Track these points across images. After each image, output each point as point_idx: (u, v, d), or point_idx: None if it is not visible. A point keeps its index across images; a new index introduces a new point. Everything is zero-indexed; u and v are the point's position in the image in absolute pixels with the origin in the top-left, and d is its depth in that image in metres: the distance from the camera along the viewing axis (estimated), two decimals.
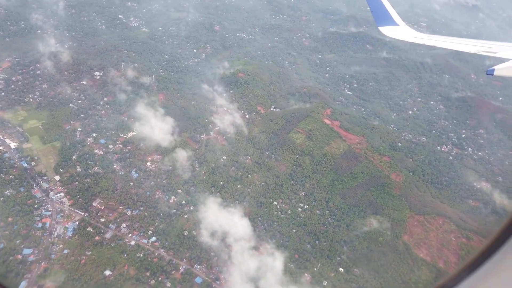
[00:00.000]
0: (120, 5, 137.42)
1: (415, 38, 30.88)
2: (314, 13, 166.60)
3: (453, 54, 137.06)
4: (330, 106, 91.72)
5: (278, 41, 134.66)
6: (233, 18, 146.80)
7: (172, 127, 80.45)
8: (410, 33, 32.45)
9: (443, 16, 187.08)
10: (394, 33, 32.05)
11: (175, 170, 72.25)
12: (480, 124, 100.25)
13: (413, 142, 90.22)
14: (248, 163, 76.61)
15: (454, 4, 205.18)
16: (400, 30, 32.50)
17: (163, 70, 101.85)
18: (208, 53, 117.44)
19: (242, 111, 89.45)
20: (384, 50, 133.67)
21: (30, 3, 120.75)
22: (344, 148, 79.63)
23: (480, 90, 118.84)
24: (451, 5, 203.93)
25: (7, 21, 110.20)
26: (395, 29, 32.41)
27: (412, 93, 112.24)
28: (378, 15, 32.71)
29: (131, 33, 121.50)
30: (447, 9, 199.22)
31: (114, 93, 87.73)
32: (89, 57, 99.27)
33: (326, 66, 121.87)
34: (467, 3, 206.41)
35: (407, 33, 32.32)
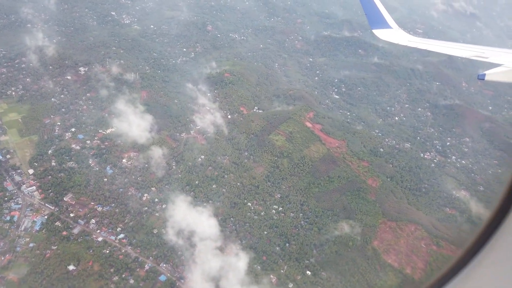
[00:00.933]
0: (113, 2, 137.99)
1: (409, 42, 31.16)
2: (309, 16, 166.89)
3: (445, 62, 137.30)
4: (313, 109, 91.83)
5: (270, 43, 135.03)
6: (227, 18, 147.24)
7: (151, 125, 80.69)
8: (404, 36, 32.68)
9: (440, 23, 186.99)
10: (387, 36, 32.31)
11: (151, 168, 72.40)
12: (466, 132, 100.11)
13: (396, 148, 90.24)
14: (226, 163, 76.71)
15: (452, 12, 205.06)
16: (393, 33, 32.72)
17: (150, 68, 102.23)
18: (197, 53, 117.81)
19: (224, 111, 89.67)
20: (376, 55, 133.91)
21: None
22: (323, 152, 79.62)
23: (470, 99, 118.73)
24: (449, 13, 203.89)
25: None
26: (388, 32, 32.60)
27: (400, 99, 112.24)
28: (372, 17, 32.98)
29: (122, 30, 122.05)
30: (444, 16, 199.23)
31: (97, 88, 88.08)
32: (76, 52, 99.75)
33: (316, 70, 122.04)
34: (465, 11, 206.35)
35: (401, 36, 32.55)
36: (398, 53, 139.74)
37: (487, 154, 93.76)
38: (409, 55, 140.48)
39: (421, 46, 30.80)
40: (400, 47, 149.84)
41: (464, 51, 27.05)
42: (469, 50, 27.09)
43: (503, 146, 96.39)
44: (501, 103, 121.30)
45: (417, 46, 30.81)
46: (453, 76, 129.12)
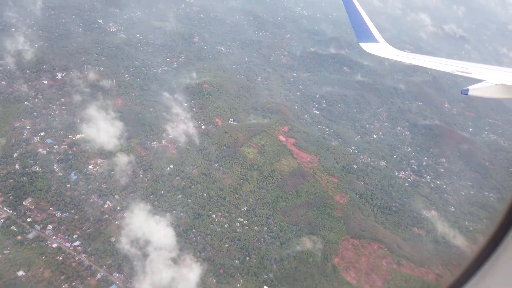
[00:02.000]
0: (101, 10, 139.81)
1: (395, 55, 31.59)
2: (299, 32, 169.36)
3: (429, 83, 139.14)
4: (289, 123, 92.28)
5: (256, 56, 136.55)
6: (215, 31, 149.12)
7: (122, 132, 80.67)
8: (390, 50, 33.19)
9: (429, 44, 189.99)
10: (374, 50, 32.85)
11: (116, 175, 71.98)
12: (443, 153, 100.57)
13: (371, 166, 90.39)
14: (195, 173, 76.46)
15: (441, 34, 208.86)
16: (380, 47, 33.10)
17: (129, 76, 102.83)
18: (180, 63, 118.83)
19: (199, 121, 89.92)
20: (360, 73, 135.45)
21: (7, 1, 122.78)
22: (293, 166, 79.63)
23: (451, 120, 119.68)
24: (439, 35, 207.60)
25: None
26: (375, 46, 32.69)
27: (380, 117, 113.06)
28: (359, 31, 33.54)
29: (107, 37, 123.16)
30: (434, 38, 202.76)
31: (72, 94, 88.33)
32: (55, 58, 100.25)
33: (299, 85, 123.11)
34: (454, 34, 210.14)
35: (387, 50, 33.06)
36: (383, 72, 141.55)
37: (462, 176, 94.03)
38: (393, 74, 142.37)
39: (406, 60, 31.28)
40: (385, 66, 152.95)
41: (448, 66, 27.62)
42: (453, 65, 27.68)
43: (478, 168, 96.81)
44: (482, 125, 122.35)
45: (402, 60, 31.33)
46: (436, 97, 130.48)
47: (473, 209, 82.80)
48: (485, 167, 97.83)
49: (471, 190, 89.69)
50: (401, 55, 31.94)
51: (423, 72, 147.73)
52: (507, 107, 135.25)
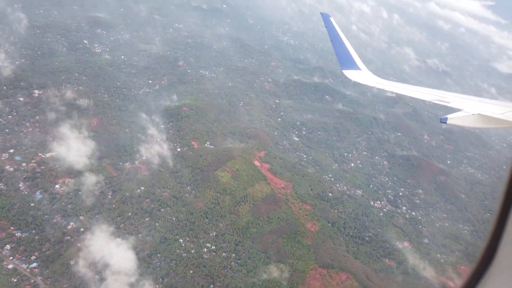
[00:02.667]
0: (88, 31, 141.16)
1: (376, 83, 31.83)
2: (284, 60, 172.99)
3: (410, 114, 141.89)
4: (266, 149, 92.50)
5: (240, 82, 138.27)
6: (201, 56, 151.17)
7: (94, 152, 79.75)
8: (372, 78, 33.61)
9: (412, 77, 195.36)
10: (356, 77, 33.22)
11: (83, 196, 70.54)
12: (420, 184, 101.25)
13: (346, 194, 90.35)
14: (165, 196, 75.31)
15: (424, 68, 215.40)
16: (362, 74, 33.39)
17: (109, 96, 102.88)
18: (162, 85, 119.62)
19: (175, 144, 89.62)
20: (342, 102, 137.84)
21: None
22: (266, 192, 79.15)
23: (429, 151, 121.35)
24: (422, 68, 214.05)
25: None
26: (358, 73, 32.90)
27: (359, 146, 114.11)
28: (342, 59, 33.83)
29: (91, 58, 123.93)
30: (417, 71, 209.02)
31: (47, 112, 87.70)
32: (35, 75, 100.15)
33: (280, 111, 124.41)
34: (437, 68, 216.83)
35: (369, 78, 33.44)
36: (365, 102, 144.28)
37: (438, 207, 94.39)
38: (375, 105, 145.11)
39: (387, 87, 31.76)
40: (368, 96, 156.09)
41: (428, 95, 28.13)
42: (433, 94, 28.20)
43: (454, 200, 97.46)
44: (461, 158, 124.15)
45: (384, 87, 31.76)
46: (416, 128, 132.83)
47: (446, 241, 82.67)
48: (461, 200, 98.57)
49: (445, 222, 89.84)
50: (382, 83, 32.68)
51: (405, 104, 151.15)
52: (485, 141, 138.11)
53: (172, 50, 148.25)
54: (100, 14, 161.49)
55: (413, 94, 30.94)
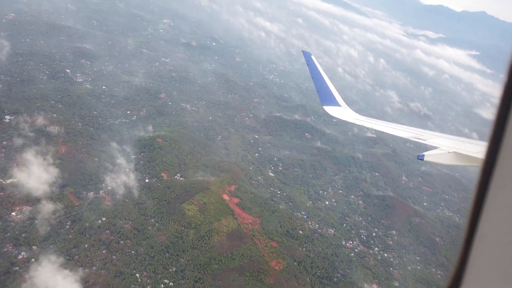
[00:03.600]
0: (72, 61, 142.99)
1: (355, 120, 32.49)
2: (267, 97, 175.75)
3: (389, 155, 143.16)
4: (237, 183, 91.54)
5: (221, 116, 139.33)
6: (185, 89, 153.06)
7: (57, 180, 78.07)
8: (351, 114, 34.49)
9: (394, 119, 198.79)
10: (336, 113, 34.17)
11: (40, 225, 68.19)
12: (394, 225, 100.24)
13: (318, 233, 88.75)
14: (127, 228, 73.03)
15: (407, 110, 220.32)
16: (342, 111, 33.85)
17: (83, 125, 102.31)
18: (140, 116, 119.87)
19: (144, 174, 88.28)
20: (320, 140, 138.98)
21: None
22: (233, 227, 77.31)
23: (406, 193, 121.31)
24: (404, 111, 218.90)
25: None
26: (337, 110, 33.73)
27: (335, 185, 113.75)
28: (323, 95, 34.53)
29: (71, 86, 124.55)
30: (398, 114, 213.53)
31: (14, 138, 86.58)
32: (9, 101, 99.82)
33: (258, 146, 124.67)
34: (419, 112, 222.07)
35: (349, 114, 34.35)
36: (344, 141, 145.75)
37: (411, 250, 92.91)
38: (354, 144, 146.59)
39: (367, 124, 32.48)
40: (349, 136, 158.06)
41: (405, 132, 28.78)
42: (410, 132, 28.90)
43: (428, 243, 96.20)
44: (438, 200, 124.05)
45: (363, 124, 32.47)
46: (394, 169, 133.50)
47: (417, 285, 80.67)
48: (435, 243, 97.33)
49: (418, 265, 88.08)
50: (361, 119, 33.49)
51: (384, 145, 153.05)
52: (465, 185, 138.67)
53: (155, 82, 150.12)
54: (87, 45, 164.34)
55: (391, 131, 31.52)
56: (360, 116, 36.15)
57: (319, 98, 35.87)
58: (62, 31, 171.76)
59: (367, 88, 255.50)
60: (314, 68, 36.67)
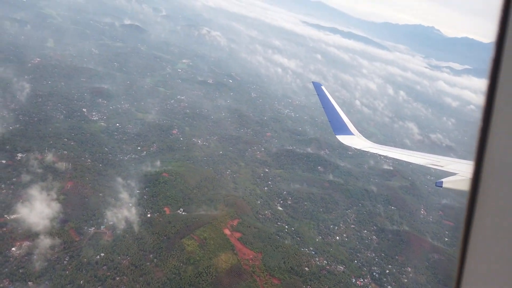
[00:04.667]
0: (89, 100, 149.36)
1: (369, 148, 32.46)
2: (281, 131, 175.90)
3: (407, 188, 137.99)
4: (241, 217, 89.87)
5: (231, 150, 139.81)
6: (197, 125, 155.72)
7: (59, 215, 79.14)
8: (365, 143, 34.53)
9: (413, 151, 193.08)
10: (349, 142, 34.48)
11: (38, 260, 68.49)
12: (410, 261, 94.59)
13: (326, 269, 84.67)
14: (124, 264, 72.15)
15: (427, 142, 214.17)
16: (355, 139, 33.79)
17: (92, 161, 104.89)
18: (150, 152, 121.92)
19: (146, 209, 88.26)
20: (333, 173, 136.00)
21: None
22: (232, 262, 74.99)
23: (424, 227, 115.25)
24: (424, 143, 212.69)
25: None
26: (350, 138, 33.73)
27: (348, 219, 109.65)
28: (335, 124, 34.60)
29: (85, 125, 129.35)
30: (418, 145, 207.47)
31: (23, 174, 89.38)
32: (23, 139, 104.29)
33: (268, 180, 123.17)
34: (441, 143, 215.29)
35: (362, 143, 33.85)
36: (358, 174, 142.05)
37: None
38: (369, 178, 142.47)
39: (381, 152, 32.22)
40: (364, 169, 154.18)
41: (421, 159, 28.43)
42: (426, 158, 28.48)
43: (448, 281, 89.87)
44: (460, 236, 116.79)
45: (377, 152, 32.31)
46: (412, 203, 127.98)
47: None
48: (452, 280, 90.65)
49: None
50: (375, 147, 32.85)
51: (402, 177, 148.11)
52: None
53: (169, 119, 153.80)
54: (105, 85, 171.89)
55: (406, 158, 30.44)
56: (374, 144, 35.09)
57: (331, 127, 35.32)
58: (83, 73, 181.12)
59: (385, 120, 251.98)
60: (324, 98, 36.39)
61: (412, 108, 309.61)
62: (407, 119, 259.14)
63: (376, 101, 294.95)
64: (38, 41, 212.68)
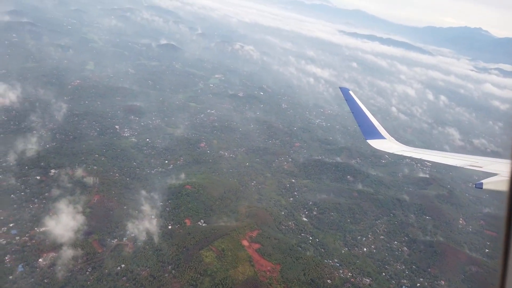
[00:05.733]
0: (122, 117, 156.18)
1: (403, 151, 31.45)
2: (311, 141, 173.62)
3: (444, 196, 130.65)
4: (261, 228, 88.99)
5: (258, 162, 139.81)
6: (225, 138, 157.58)
7: (84, 228, 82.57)
8: (397, 146, 33.64)
9: None
10: (381, 146, 33.97)
11: (61, 271, 71.61)
12: (444, 274, 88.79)
13: (350, 282, 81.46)
14: (143, 275, 73.59)
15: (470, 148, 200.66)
16: (387, 143, 33.05)
17: (120, 175, 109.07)
18: (177, 165, 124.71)
19: (167, 221, 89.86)
20: (364, 182, 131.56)
21: (36, 107, 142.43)
22: (249, 274, 74.11)
23: (462, 238, 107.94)
24: (466, 149, 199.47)
25: (11, 121, 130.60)
26: (382, 142, 32.97)
27: (377, 230, 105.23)
28: (365, 129, 33.90)
29: (117, 141, 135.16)
30: (460, 151, 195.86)
31: (54, 189, 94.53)
32: (57, 157, 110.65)
33: (294, 191, 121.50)
34: (485, 149, 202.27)
35: (394, 146, 32.90)
36: (390, 183, 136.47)
37: None
38: (403, 186, 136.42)
39: (415, 155, 31.34)
40: (398, 177, 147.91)
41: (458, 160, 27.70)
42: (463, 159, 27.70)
43: None
44: None
45: (411, 155, 31.55)
46: (449, 212, 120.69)
47: None
48: None
49: None
50: (409, 151, 31.67)
51: (439, 186, 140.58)
52: None
53: (197, 132, 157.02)
54: (138, 103, 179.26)
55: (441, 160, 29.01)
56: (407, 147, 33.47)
57: (361, 132, 34.24)
58: (118, 92, 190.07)
59: (424, 126, 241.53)
60: (353, 103, 35.33)
61: (454, 113, 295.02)
62: (448, 125, 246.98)
63: (414, 107, 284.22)
64: (79, 64, 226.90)
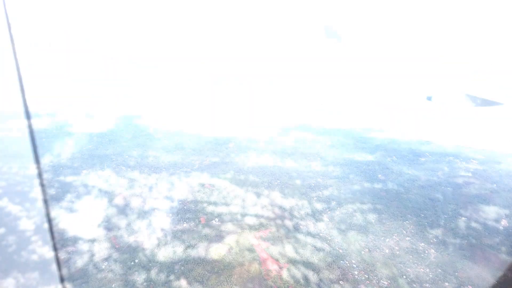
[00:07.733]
0: None
1: None
2: (344, 139, 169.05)
3: (486, 196, 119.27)
4: (275, 227, 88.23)
5: (288, 161, 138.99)
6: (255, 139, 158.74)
7: (103, 224, 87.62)
8: None
9: None
10: None
11: (76, 264, 76.67)
12: (471, 279, 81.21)
13: (365, 284, 78.25)
14: (153, 271, 76.63)
15: None
16: None
17: None
18: (203, 165, 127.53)
19: None
20: (396, 181, 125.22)
21: None
22: (254, 273, 73.20)
23: (501, 241, 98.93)
24: None
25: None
26: None
27: (403, 231, 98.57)
28: None
29: (149, 142, 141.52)
30: None
31: (82, 188, 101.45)
32: (90, 158, 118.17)
33: (318, 190, 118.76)
34: None
35: None
36: (425, 182, 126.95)
37: None
38: (439, 185, 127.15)
39: None
40: (437, 175, 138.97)
41: None
42: None
43: None
44: None
45: None
46: (489, 213, 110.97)
47: None
48: None
49: None
50: None
51: (481, 184, 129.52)
52: None
53: (227, 133, 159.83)
54: None
55: None
56: None
57: None
58: None
59: None
60: None
61: None
62: None
63: None
64: None
